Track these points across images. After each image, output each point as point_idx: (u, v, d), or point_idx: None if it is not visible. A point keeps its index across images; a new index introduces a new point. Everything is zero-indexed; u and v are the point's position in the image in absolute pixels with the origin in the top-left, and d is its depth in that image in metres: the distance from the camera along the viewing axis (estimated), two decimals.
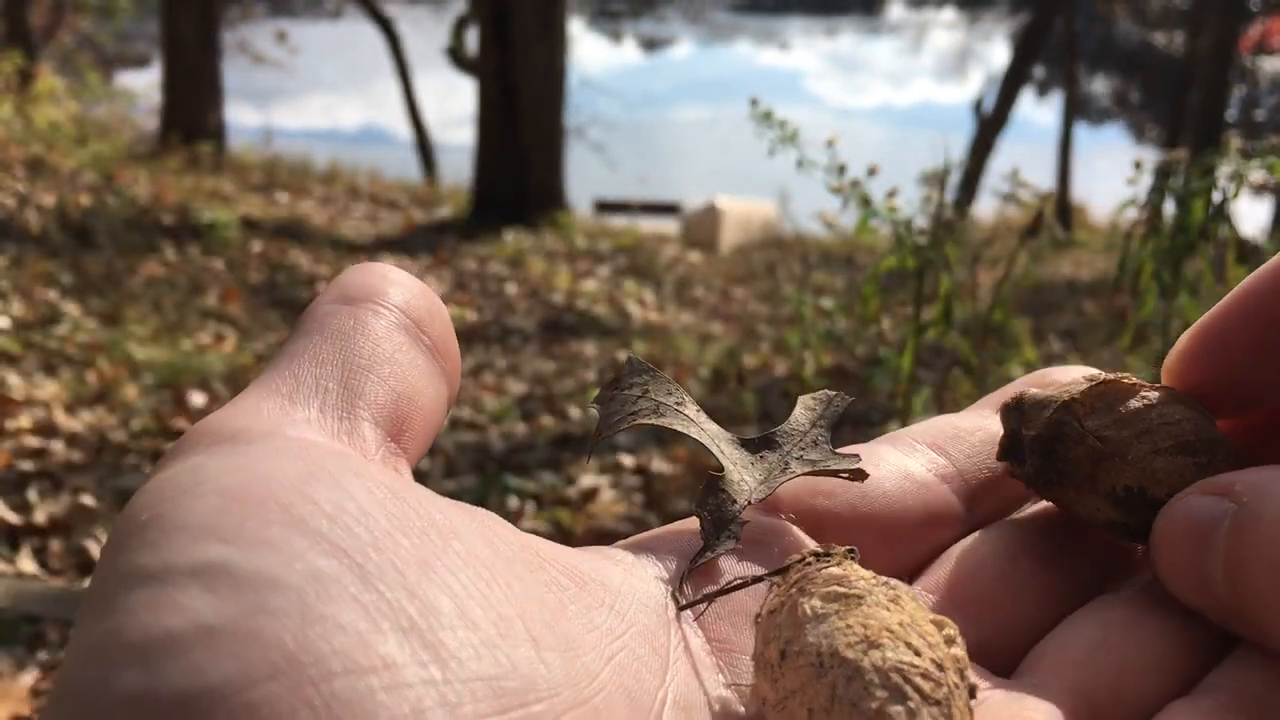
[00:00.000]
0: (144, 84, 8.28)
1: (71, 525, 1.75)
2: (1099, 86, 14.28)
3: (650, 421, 0.23)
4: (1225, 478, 0.19)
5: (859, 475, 0.23)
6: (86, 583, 1.59)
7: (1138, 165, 1.32)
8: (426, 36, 11.05)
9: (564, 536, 1.65)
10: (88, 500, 1.86)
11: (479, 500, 2.02)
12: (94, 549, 1.68)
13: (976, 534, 0.23)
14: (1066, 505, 0.23)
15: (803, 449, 0.23)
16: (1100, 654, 0.19)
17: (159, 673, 0.13)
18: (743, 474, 0.23)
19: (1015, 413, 0.24)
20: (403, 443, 0.18)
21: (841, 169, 1.24)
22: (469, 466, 2.23)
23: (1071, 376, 0.25)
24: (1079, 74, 8.75)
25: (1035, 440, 0.23)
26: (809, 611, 0.17)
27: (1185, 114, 7.77)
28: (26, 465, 2.03)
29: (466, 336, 3.58)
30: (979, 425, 0.25)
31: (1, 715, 1.23)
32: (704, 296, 4.30)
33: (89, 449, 2.18)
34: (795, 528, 0.22)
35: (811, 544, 0.22)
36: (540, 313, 3.90)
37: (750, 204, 6.60)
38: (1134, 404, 0.22)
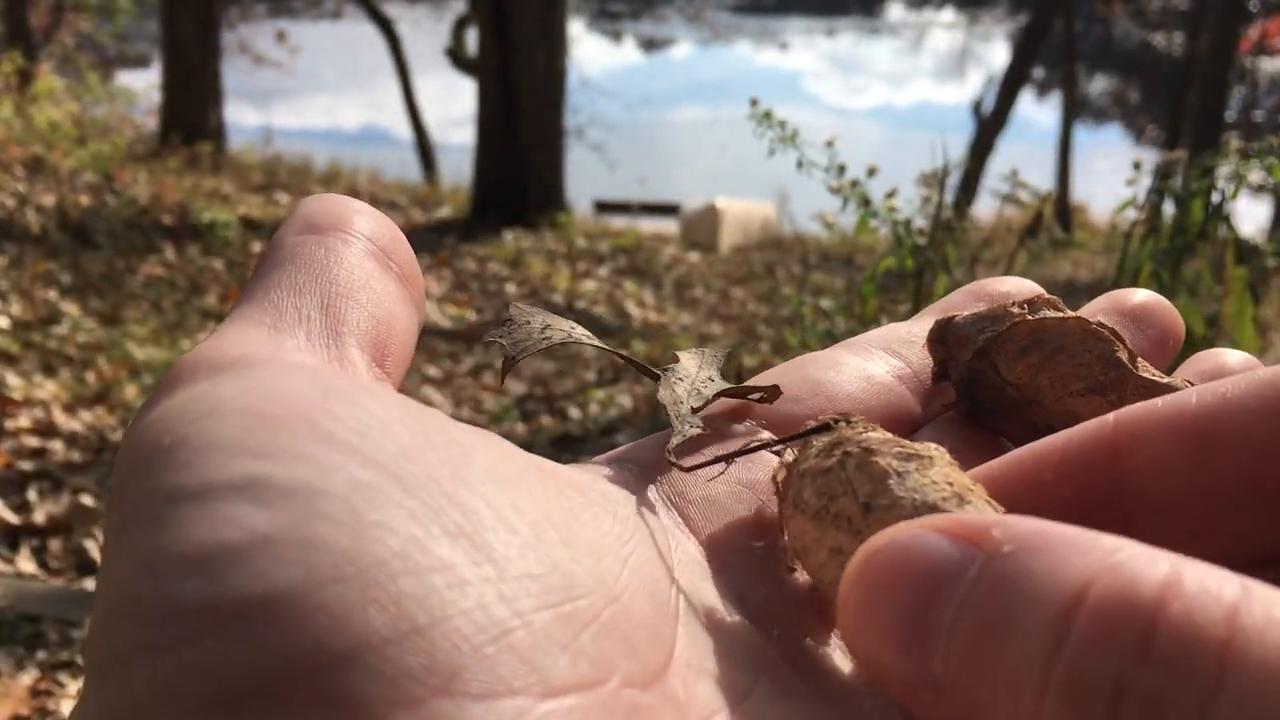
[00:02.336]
0: (144, 84, 8.28)
1: (71, 525, 1.75)
2: (1098, 87, 14.29)
3: (562, 341, 0.23)
4: (978, 517, 0.14)
5: (773, 393, 0.23)
6: (87, 583, 1.59)
7: (1137, 166, 1.32)
8: (426, 37, 11.06)
9: None
10: (87, 500, 1.86)
11: None
12: (93, 549, 1.68)
13: (923, 430, 0.24)
14: (1000, 433, 0.24)
15: (701, 384, 0.24)
16: None
17: (224, 581, 0.13)
18: (683, 375, 0.24)
19: (940, 346, 0.24)
20: (386, 367, 0.18)
21: (841, 169, 1.24)
22: None
23: (1007, 288, 0.27)
24: (1078, 75, 8.76)
25: (958, 384, 0.24)
26: (888, 468, 0.17)
27: (1184, 115, 7.78)
28: (26, 465, 2.03)
29: (466, 336, 3.58)
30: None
31: (2, 715, 1.23)
32: (703, 297, 4.31)
33: (89, 449, 2.18)
34: (762, 429, 0.23)
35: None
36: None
37: (750, 204, 6.60)
38: (1048, 344, 0.23)
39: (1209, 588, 0.12)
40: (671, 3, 19.24)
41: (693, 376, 0.24)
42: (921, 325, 0.26)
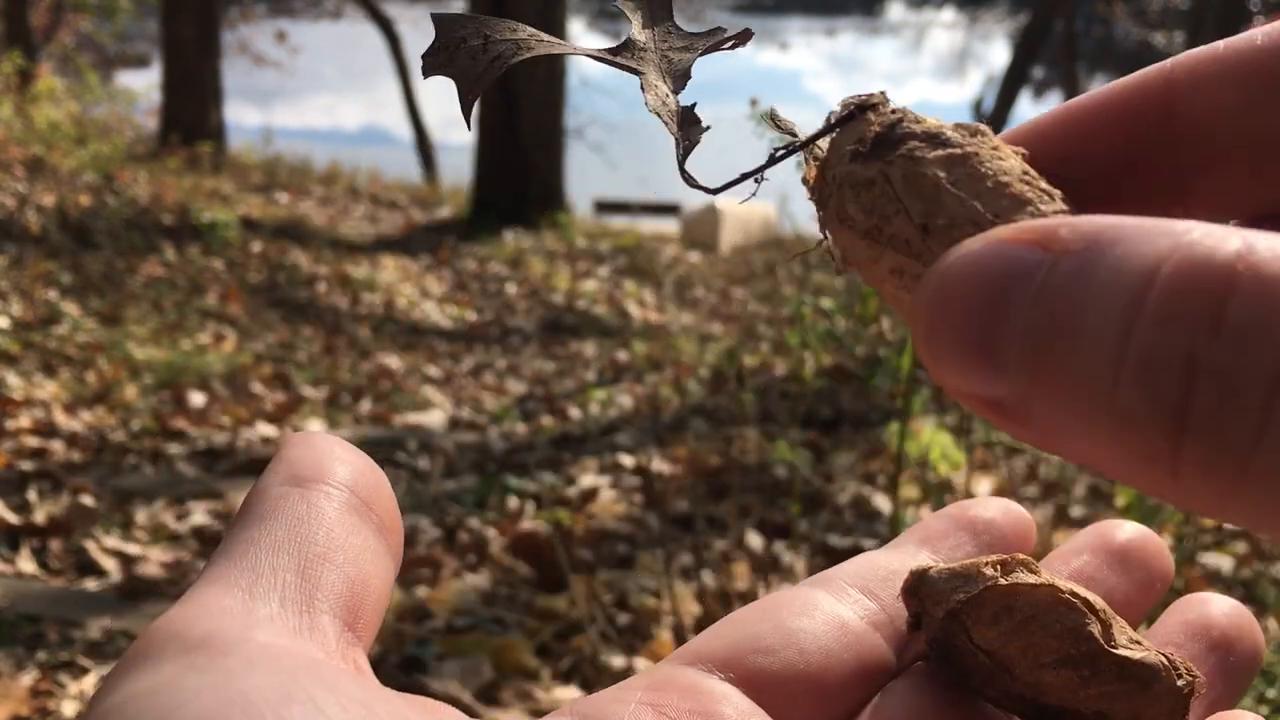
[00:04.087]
0: (144, 84, 8.28)
1: (71, 525, 1.75)
2: (1098, 86, 14.26)
3: (520, 58, 0.20)
4: (1044, 221, 0.13)
5: (745, 36, 0.22)
6: (87, 583, 1.59)
7: None
8: (426, 37, 11.02)
9: (564, 536, 1.65)
10: (87, 500, 1.86)
11: (479, 500, 2.02)
12: (94, 549, 1.68)
13: (897, 682, 0.23)
14: (975, 693, 0.24)
15: (667, 44, 0.22)
16: None
17: None
18: (649, 72, 0.21)
19: (915, 599, 0.24)
20: (358, 630, 0.18)
21: None
22: (469, 466, 2.24)
23: (990, 514, 0.26)
24: (1079, 74, 8.76)
25: (931, 641, 0.24)
26: (936, 179, 0.16)
27: None
28: (26, 465, 2.03)
29: (467, 336, 3.58)
30: (908, 566, 0.25)
31: (2, 715, 1.23)
32: (704, 297, 4.31)
33: (89, 449, 2.18)
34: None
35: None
36: (540, 313, 3.90)
37: (750, 204, 6.58)
38: (1019, 611, 0.22)
39: (1278, 253, 0.11)
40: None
41: (654, 46, 0.22)
42: (899, 557, 0.26)
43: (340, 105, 13.89)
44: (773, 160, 0.19)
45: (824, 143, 0.18)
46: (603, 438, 2.42)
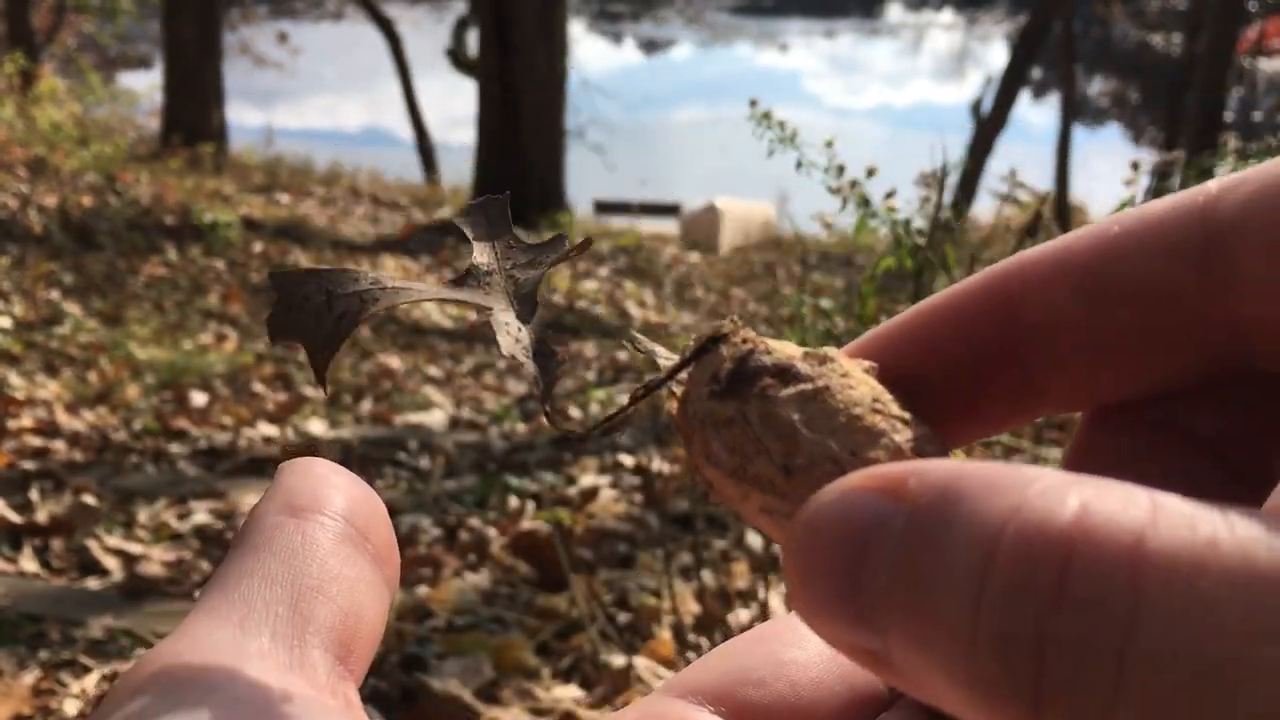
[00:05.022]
0: (146, 85, 8.29)
1: (73, 524, 1.75)
2: (1097, 88, 14.30)
3: (368, 313, 0.19)
4: (893, 468, 0.14)
5: (585, 245, 0.22)
6: (89, 582, 1.60)
7: (1135, 166, 1.32)
8: (427, 38, 11.05)
9: (565, 535, 1.66)
10: (89, 500, 1.86)
11: (480, 500, 2.03)
12: (95, 548, 1.69)
13: (889, 713, 0.23)
14: None
15: (510, 261, 0.21)
16: None
17: None
18: (496, 307, 0.21)
19: None
20: (349, 663, 0.18)
21: (840, 170, 1.24)
22: (469, 466, 2.24)
23: None
24: (1077, 75, 8.75)
25: None
26: (791, 419, 0.16)
27: (1183, 115, 7.78)
28: (29, 465, 2.04)
29: (467, 336, 3.59)
30: None
31: (3, 714, 1.23)
32: (703, 297, 4.31)
33: (91, 448, 2.18)
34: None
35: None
36: (540, 313, 3.90)
37: (749, 205, 6.60)
38: None
39: (1115, 516, 0.12)
40: (671, 4, 19.24)
41: (497, 257, 0.21)
42: None
43: (341, 106, 13.90)
44: (634, 401, 0.19)
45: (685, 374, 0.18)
46: (603, 437, 2.42)
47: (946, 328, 0.18)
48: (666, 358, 0.19)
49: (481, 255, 0.22)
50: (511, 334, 0.21)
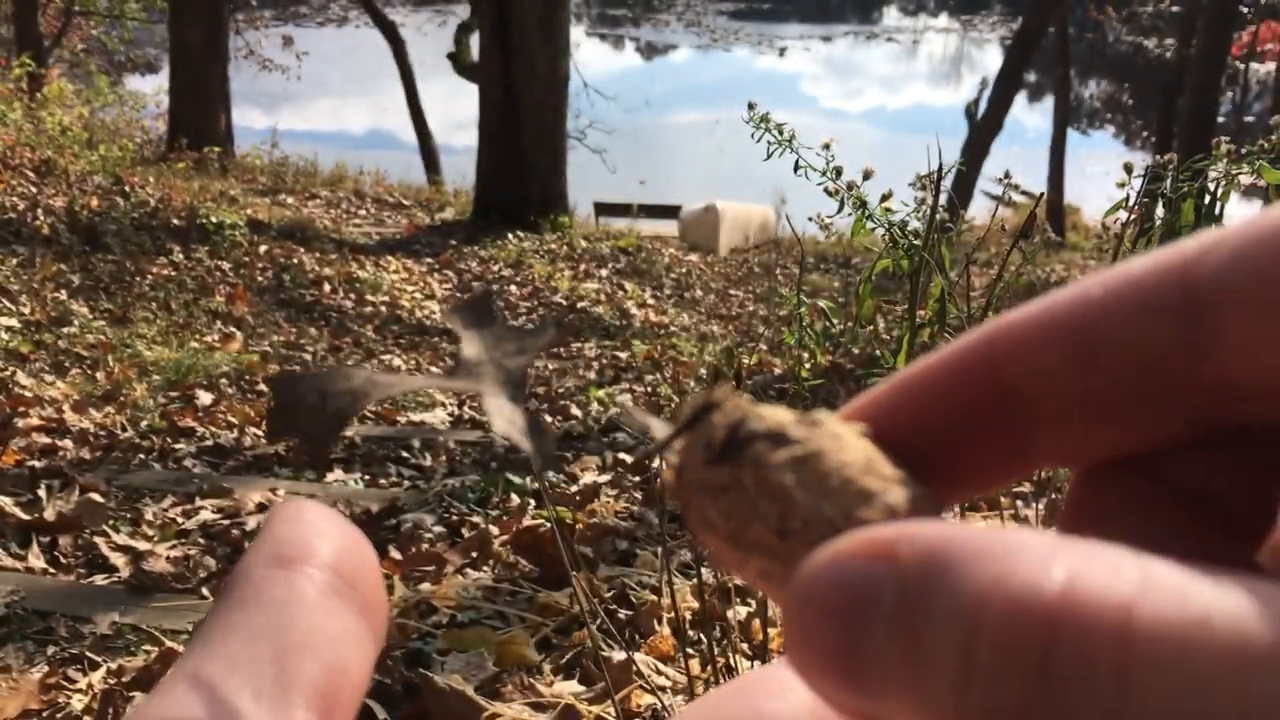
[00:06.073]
0: (152, 88, 8.33)
1: (81, 522, 1.77)
2: (1091, 91, 14.28)
3: (363, 406, 0.21)
4: (883, 532, 0.14)
5: (569, 330, 0.23)
6: (96, 579, 1.61)
7: (1128, 168, 1.34)
8: (430, 42, 11.09)
9: (566, 533, 1.67)
10: (97, 497, 1.89)
11: (482, 497, 2.05)
12: (103, 545, 1.71)
13: None
14: None
15: (499, 350, 0.23)
16: None
17: None
18: (489, 393, 0.22)
19: None
20: (333, 719, 0.18)
21: (838, 172, 1.26)
22: (471, 465, 2.26)
23: None
24: (1071, 79, 8.74)
25: None
26: (785, 482, 0.16)
27: (1176, 118, 7.78)
28: (37, 463, 2.06)
29: None
30: None
31: (12, 709, 1.25)
32: (703, 297, 4.33)
33: (98, 446, 2.21)
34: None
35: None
36: (542, 313, 3.93)
37: (748, 206, 6.62)
38: None
39: (1102, 588, 0.12)
40: (671, 8, 19.28)
41: (487, 350, 0.23)
42: None
43: (346, 109, 13.95)
44: (631, 471, 0.20)
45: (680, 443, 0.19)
46: (604, 436, 2.44)
47: (934, 392, 0.18)
48: (659, 429, 0.20)
49: (471, 348, 0.23)
50: (505, 416, 0.22)
